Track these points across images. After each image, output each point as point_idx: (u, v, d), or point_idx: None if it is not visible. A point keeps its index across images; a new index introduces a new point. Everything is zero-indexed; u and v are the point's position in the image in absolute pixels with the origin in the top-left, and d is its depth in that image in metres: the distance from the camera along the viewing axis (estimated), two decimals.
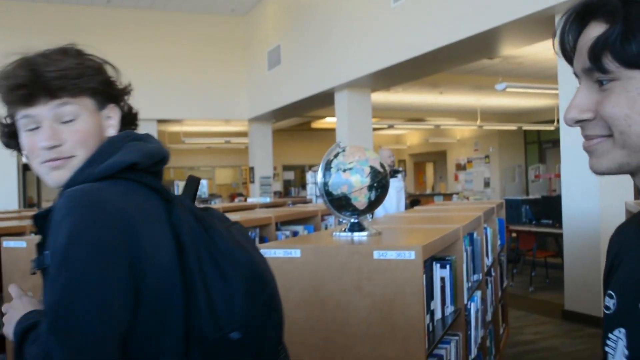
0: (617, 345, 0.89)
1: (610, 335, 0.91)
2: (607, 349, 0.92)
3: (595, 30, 0.82)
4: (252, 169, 14.00)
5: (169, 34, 12.74)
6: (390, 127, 16.21)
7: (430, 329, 2.13)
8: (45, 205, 4.46)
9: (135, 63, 12.04)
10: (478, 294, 3.04)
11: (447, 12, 6.83)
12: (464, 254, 2.66)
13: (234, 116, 13.66)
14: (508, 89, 9.11)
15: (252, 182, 13.95)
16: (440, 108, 14.86)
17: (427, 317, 2.05)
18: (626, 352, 0.86)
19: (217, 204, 9.78)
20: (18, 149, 1.29)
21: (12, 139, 1.29)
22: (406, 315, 1.79)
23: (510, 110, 15.55)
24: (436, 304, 2.27)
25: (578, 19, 0.86)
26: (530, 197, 10.79)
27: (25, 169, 12.74)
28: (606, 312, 0.93)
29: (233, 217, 3.35)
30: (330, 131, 12.70)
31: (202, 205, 1.35)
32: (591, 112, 0.84)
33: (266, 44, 12.46)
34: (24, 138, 1.22)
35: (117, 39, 11.98)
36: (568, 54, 0.89)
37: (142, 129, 1.41)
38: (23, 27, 11.23)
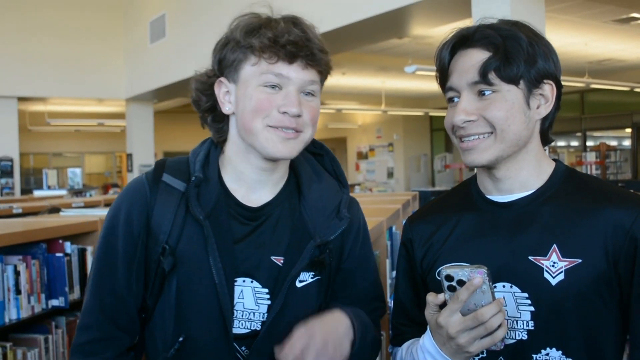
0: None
1: None
2: None
3: (478, 55, 1.23)
4: (130, 156, 13.89)
5: None
6: None
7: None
8: None
9: None
10: None
11: None
12: (387, 249, 2.78)
13: (109, 95, 13.47)
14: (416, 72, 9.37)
15: (130, 170, 13.80)
16: (343, 90, 15.09)
17: None
18: (519, 292, 1.25)
19: (93, 197, 9.54)
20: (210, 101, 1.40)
21: (207, 91, 1.41)
22: None
23: (417, 94, 16.10)
24: None
25: (457, 46, 1.27)
26: (440, 188, 11.20)
27: None
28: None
29: None
30: None
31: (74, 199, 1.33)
32: (475, 115, 1.23)
33: (149, 13, 12.25)
34: (256, 92, 1.27)
35: None
36: (445, 71, 1.29)
37: None
38: None
